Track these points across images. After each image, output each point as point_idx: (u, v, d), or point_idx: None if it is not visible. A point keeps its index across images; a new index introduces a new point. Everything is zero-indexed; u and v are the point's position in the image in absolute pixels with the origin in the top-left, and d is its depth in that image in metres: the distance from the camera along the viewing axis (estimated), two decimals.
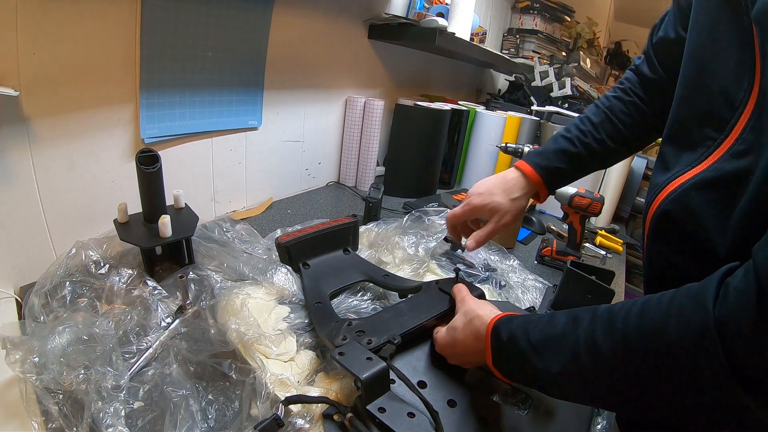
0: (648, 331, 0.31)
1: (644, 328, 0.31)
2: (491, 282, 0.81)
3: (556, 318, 0.39)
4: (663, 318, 0.30)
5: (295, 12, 0.95)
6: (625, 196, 1.46)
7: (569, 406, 0.51)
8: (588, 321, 0.36)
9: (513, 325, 0.42)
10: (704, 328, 0.27)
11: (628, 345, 0.32)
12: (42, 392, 0.42)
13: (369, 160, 1.24)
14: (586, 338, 0.35)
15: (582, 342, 0.35)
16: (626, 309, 0.34)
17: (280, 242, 0.70)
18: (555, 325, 0.39)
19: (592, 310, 0.37)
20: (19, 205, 0.61)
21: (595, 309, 0.37)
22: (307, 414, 0.44)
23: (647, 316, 0.32)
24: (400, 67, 1.41)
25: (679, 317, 0.29)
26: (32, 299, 0.53)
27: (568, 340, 0.36)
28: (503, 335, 0.42)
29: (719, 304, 0.27)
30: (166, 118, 0.77)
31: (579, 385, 0.36)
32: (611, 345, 0.33)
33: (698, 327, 0.27)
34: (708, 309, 0.27)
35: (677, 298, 0.31)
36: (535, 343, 0.39)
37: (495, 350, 0.43)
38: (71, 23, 0.60)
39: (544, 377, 0.38)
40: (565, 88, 1.64)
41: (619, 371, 0.32)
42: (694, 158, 0.41)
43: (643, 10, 2.37)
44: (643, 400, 0.32)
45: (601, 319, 0.35)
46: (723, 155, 0.38)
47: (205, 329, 0.53)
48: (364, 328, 0.53)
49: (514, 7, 2.03)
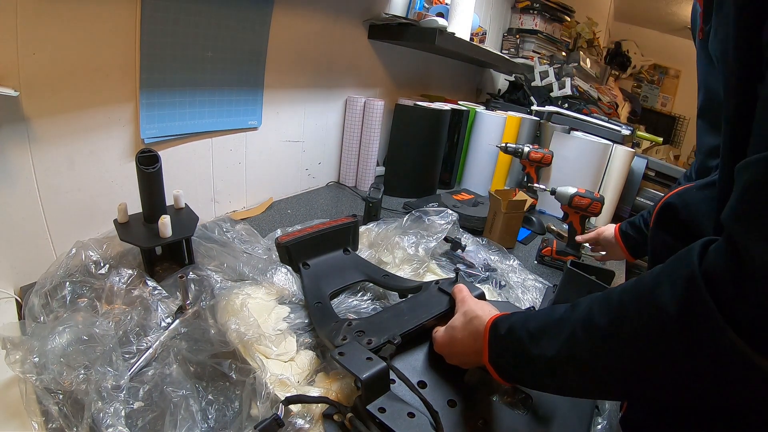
0: (640, 295, 0.33)
1: (637, 294, 0.33)
2: (491, 282, 0.81)
3: (556, 307, 0.41)
4: (654, 281, 0.32)
5: (295, 12, 0.95)
6: (625, 196, 1.45)
7: (569, 406, 0.51)
8: (586, 303, 0.37)
9: (512, 319, 0.43)
10: (691, 278, 0.29)
11: (623, 314, 0.33)
12: (42, 392, 0.42)
13: (369, 160, 1.24)
14: (583, 317, 0.36)
15: (579, 321, 0.36)
16: (622, 285, 0.36)
17: (279, 242, 0.70)
18: (554, 313, 0.40)
19: (591, 294, 0.38)
20: (19, 205, 0.61)
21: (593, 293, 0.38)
22: (307, 414, 0.44)
23: (640, 284, 0.34)
24: (400, 67, 1.41)
25: (669, 276, 0.31)
26: (32, 299, 0.53)
27: (564, 323, 0.38)
28: (501, 329, 0.43)
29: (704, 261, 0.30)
30: (166, 118, 0.77)
31: (574, 368, 0.37)
32: (606, 317, 0.34)
33: (686, 277, 0.29)
34: (693, 263, 0.30)
35: (667, 265, 0.33)
36: (533, 331, 0.40)
37: (492, 345, 0.43)
38: (71, 23, 0.60)
39: (539, 366, 0.39)
40: (565, 88, 1.64)
41: (614, 341, 0.33)
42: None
43: (643, 10, 2.37)
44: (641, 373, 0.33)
45: (598, 297, 0.37)
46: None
47: (205, 329, 0.53)
48: (364, 328, 0.53)
49: (514, 7, 2.03)
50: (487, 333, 0.44)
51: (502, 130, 1.39)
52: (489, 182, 1.44)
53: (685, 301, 0.29)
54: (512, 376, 0.43)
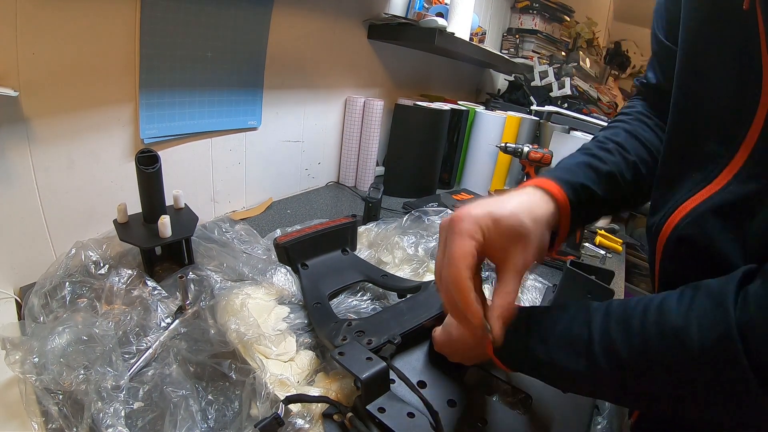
0: (667, 332, 0.30)
1: (663, 329, 0.30)
2: (491, 282, 0.81)
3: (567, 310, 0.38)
4: (683, 319, 0.29)
5: (295, 12, 0.95)
6: None
7: (569, 406, 0.51)
8: (602, 316, 0.35)
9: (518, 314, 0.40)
10: (726, 331, 0.27)
11: (645, 346, 0.31)
12: (42, 393, 0.42)
13: (368, 160, 1.24)
14: (601, 336, 0.34)
15: (597, 339, 0.34)
16: (643, 306, 0.32)
17: (278, 243, 0.70)
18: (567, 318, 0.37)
19: (606, 306, 0.35)
20: (18, 206, 0.61)
21: (608, 304, 0.35)
22: (307, 414, 0.44)
23: (666, 315, 0.31)
24: (400, 67, 1.41)
25: (700, 319, 0.29)
26: (32, 300, 0.53)
27: (581, 337, 0.35)
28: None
29: (740, 309, 0.27)
30: (166, 119, 0.77)
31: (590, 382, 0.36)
32: (628, 344, 0.32)
33: (720, 330, 0.27)
34: (729, 312, 0.27)
35: (697, 300, 0.30)
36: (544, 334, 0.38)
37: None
38: (71, 23, 0.60)
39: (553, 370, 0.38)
40: (564, 88, 1.64)
41: (637, 375, 0.32)
42: (702, 177, 0.38)
43: (642, 10, 2.37)
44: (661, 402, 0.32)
45: (616, 315, 0.34)
46: (737, 175, 0.35)
47: (205, 329, 0.53)
48: (363, 329, 0.53)
49: (514, 7, 2.03)
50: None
51: (501, 130, 1.39)
52: (489, 182, 1.44)
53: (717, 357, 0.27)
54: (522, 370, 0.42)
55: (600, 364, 0.33)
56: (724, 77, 0.37)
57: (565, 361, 0.36)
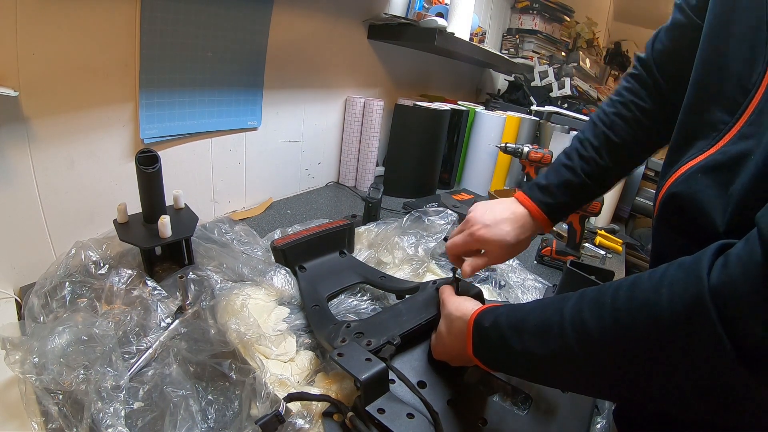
0: (638, 305, 0.30)
1: (634, 302, 0.30)
2: (491, 282, 0.81)
3: (543, 301, 0.39)
4: (654, 290, 0.29)
5: (295, 12, 0.95)
6: (624, 196, 1.46)
7: (569, 405, 0.51)
8: (575, 300, 0.35)
9: (498, 311, 0.42)
10: (698, 296, 0.26)
11: (616, 320, 0.31)
12: (42, 393, 0.42)
13: (368, 160, 1.24)
14: (573, 317, 0.34)
15: (568, 321, 0.34)
16: (615, 285, 0.33)
17: (275, 246, 0.70)
18: (541, 307, 0.38)
19: (581, 291, 0.36)
20: (18, 206, 0.61)
21: (584, 290, 0.36)
22: (307, 414, 0.44)
23: (637, 289, 0.30)
24: (400, 67, 1.41)
25: (671, 287, 0.28)
26: (32, 299, 0.53)
27: (553, 321, 0.35)
28: (486, 322, 0.42)
29: (716, 273, 0.26)
30: (166, 118, 0.77)
31: (565, 367, 0.36)
32: (599, 321, 0.32)
33: (691, 296, 0.26)
34: (702, 278, 0.26)
35: (669, 271, 0.29)
36: (520, 325, 0.38)
37: (476, 339, 0.43)
38: (71, 23, 0.60)
39: (529, 361, 0.38)
40: (564, 88, 1.64)
41: (608, 349, 0.31)
42: (706, 143, 0.39)
43: (642, 10, 2.37)
44: (635, 382, 0.31)
45: (589, 297, 0.34)
46: (732, 138, 0.37)
47: (205, 329, 0.53)
48: (363, 330, 0.53)
49: (514, 7, 2.03)
50: (471, 328, 0.44)
51: (501, 130, 1.39)
52: (489, 182, 1.44)
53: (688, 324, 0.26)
54: (501, 367, 0.43)
55: (571, 345, 0.33)
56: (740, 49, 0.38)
57: (538, 348, 0.36)
